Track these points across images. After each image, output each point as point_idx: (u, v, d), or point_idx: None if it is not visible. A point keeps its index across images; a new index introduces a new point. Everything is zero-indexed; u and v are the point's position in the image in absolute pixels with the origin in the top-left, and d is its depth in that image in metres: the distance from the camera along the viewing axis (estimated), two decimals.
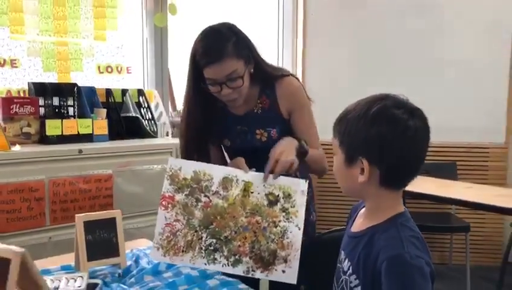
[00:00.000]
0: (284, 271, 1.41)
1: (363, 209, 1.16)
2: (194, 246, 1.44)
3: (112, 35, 3.12)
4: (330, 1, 3.68)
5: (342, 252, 1.15)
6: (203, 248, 1.43)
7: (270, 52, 3.97)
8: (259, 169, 1.50)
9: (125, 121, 2.93)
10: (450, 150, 3.51)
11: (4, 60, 2.79)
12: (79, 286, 1.17)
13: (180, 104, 3.37)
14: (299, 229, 1.44)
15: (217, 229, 1.46)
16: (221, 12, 3.63)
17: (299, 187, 1.48)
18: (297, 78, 1.69)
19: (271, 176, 1.45)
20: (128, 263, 1.48)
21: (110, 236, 1.45)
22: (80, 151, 2.48)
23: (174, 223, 1.49)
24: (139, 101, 3.07)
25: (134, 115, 2.97)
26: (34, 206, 2.32)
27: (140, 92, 3.09)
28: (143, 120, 2.98)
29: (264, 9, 3.92)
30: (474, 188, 2.97)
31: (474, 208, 2.94)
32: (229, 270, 1.44)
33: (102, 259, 1.42)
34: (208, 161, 1.61)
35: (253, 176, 1.50)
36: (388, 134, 1.02)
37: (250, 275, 1.43)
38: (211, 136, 1.71)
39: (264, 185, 1.47)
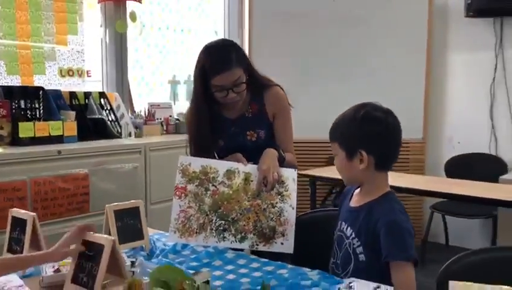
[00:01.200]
0: (282, 243, 1.71)
1: (358, 190, 1.51)
2: (206, 227, 1.71)
3: (72, 39, 3.22)
4: (274, 13, 4.03)
5: (343, 223, 1.49)
6: (214, 228, 1.71)
7: None
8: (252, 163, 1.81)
9: (91, 122, 3.06)
10: None
11: None
12: (132, 261, 1.40)
13: (138, 107, 3.56)
14: (293, 208, 1.75)
15: (224, 212, 1.74)
16: (174, 23, 3.85)
17: (290, 175, 1.80)
18: (281, 88, 2.00)
19: (263, 189, 1.74)
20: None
21: (135, 222, 1.67)
22: (59, 152, 2.60)
23: (188, 209, 1.75)
24: (101, 103, 3.21)
25: (99, 116, 3.12)
26: (17, 205, 2.40)
27: (102, 95, 3.24)
28: (108, 121, 3.13)
29: (212, 20, 4.18)
30: (399, 176, 3.44)
31: (399, 192, 3.41)
32: (237, 245, 1.72)
33: (130, 242, 1.64)
34: (211, 158, 1.88)
35: (251, 168, 1.80)
36: (376, 130, 1.38)
37: (254, 249, 1.72)
38: (212, 137, 1.96)
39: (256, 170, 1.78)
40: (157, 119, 3.47)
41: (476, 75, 3.91)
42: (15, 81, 2.99)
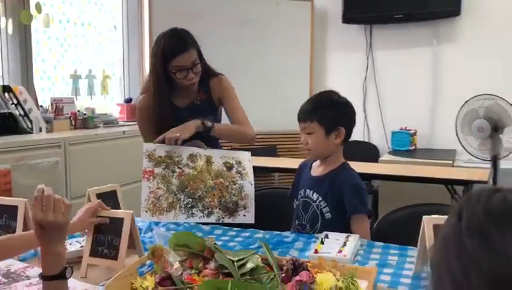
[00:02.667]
0: (244, 215, 1.93)
1: (318, 163, 1.83)
2: (175, 205, 1.86)
3: None
4: (174, 11, 4.17)
5: (307, 190, 1.80)
6: (183, 206, 1.87)
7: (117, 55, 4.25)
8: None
9: (1, 117, 2.92)
10: (272, 137, 4.42)
11: None
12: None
13: (40, 102, 3.44)
14: (251, 184, 1.99)
15: (191, 191, 1.92)
16: (74, 16, 3.77)
17: (245, 156, 2.04)
18: (225, 77, 2.21)
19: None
20: None
21: (114, 205, 1.76)
22: None
23: (157, 190, 1.89)
24: (5, 97, 3.07)
25: (8, 111, 2.98)
26: None
27: (6, 88, 3.09)
28: (18, 116, 3.01)
29: (111, 15, 4.16)
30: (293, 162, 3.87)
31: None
32: (205, 220, 1.90)
33: None
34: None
35: (211, 152, 2.00)
36: (350, 111, 1.73)
37: (220, 222, 1.93)
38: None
39: (220, 157, 1.99)
40: (66, 114, 3.40)
41: (351, 74, 4.52)
42: None
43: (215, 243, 1.42)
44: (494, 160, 3.17)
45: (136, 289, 1.23)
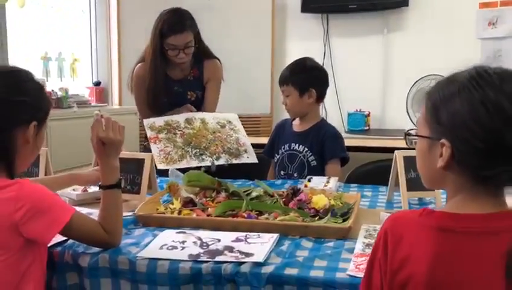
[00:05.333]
0: (248, 157, 2.09)
1: (298, 121, 2.10)
2: (185, 155, 2.04)
3: None
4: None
5: (292, 144, 2.07)
6: (192, 155, 2.06)
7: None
8: None
9: None
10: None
11: None
12: None
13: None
14: (245, 136, 2.18)
15: (196, 144, 2.09)
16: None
17: (234, 117, 2.25)
18: (220, 61, 2.41)
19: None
20: None
21: None
22: None
23: (165, 148, 2.06)
24: None
25: None
26: None
27: None
28: None
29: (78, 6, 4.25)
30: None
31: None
32: (216, 162, 2.02)
33: None
34: (159, 111, 2.22)
35: (203, 114, 2.20)
36: (321, 74, 2.02)
37: (229, 163, 2.04)
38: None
39: (212, 118, 2.20)
40: None
41: None
42: None
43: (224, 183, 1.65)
44: None
45: (162, 212, 1.44)
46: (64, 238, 1.22)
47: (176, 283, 1.09)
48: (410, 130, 0.98)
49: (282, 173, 2.09)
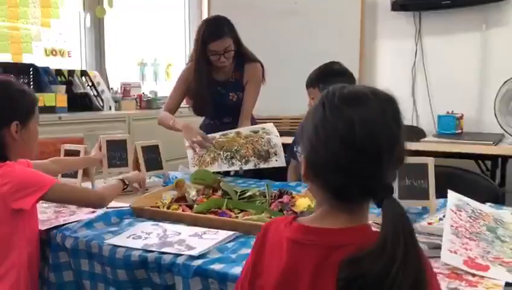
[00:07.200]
0: (276, 160, 2.21)
1: None
2: (217, 159, 2.21)
3: (55, 23, 3.58)
4: (230, 3, 4.56)
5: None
6: (223, 158, 2.22)
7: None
8: (235, 118, 2.38)
9: (78, 96, 3.45)
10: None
11: None
12: None
13: (112, 84, 3.96)
14: (277, 136, 2.26)
15: (228, 147, 2.24)
16: (141, 13, 4.27)
17: (270, 125, 2.33)
18: (262, 65, 2.53)
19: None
20: None
21: (156, 156, 2.16)
22: (60, 118, 3.00)
23: (199, 152, 2.24)
24: (82, 80, 3.60)
25: (84, 91, 3.51)
26: None
27: (83, 73, 3.63)
28: (92, 96, 3.53)
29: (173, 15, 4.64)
30: None
31: None
32: (244, 167, 2.19)
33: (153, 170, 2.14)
34: (205, 105, 2.41)
35: (239, 129, 2.30)
36: (347, 79, 2.04)
37: (257, 167, 2.19)
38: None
39: (247, 129, 2.29)
40: (132, 96, 3.90)
41: (400, 61, 4.66)
42: (7, 58, 3.31)
43: (224, 181, 1.76)
44: None
45: (157, 206, 1.60)
46: (62, 223, 1.44)
47: (129, 268, 1.23)
48: None
49: None
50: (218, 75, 2.48)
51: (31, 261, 1.39)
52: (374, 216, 0.91)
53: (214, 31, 2.31)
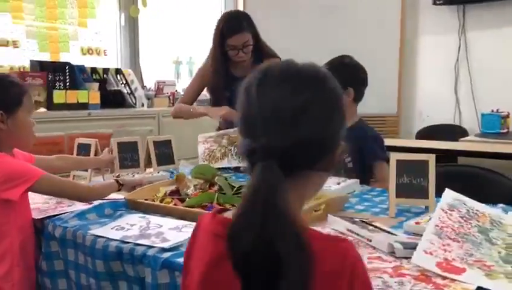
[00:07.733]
0: None
1: None
2: (227, 154, 2.21)
3: (91, 22, 3.70)
4: (265, 2, 4.54)
5: None
6: (233, 154, 2.21)
7: None
8: None
9: (111, 93, 3.55)
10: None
11: (7, 41, 3.27)
12: None
13: (146, 83, 4.05)
14: None
15: (239, 144, 2.23)
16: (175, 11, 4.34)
17: None
18: (280, 60, 2.50)
19: None
20: None
21: (168, 151, 2.18)
22: (89, 114, 3.10)
23: (211, 147, 2.25)
24: (117, 78, 3.70)
25: (117, 89, 3.61)
26: None
27: (118, 71, 3.72)
28: (125, 93, 3.62)
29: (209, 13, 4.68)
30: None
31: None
32: None
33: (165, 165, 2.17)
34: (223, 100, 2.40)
35: None
36: (357, 72, 2.02)
37: None
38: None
39: None
40: (165, 93, 3.97)
41: (443, 56, 4.46)
42: (45, 57, 3.46)
43: (225, 177, 1.74)
44: None
45: (152, 199, 1.61)
46: (55, 213, 1.48)
47: (106, 259, 1.24)
48: None
49: None
50: (236, 71, 2.46)
51: (24, 249, 1.43)
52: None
53: (233, 26, 2.30)
